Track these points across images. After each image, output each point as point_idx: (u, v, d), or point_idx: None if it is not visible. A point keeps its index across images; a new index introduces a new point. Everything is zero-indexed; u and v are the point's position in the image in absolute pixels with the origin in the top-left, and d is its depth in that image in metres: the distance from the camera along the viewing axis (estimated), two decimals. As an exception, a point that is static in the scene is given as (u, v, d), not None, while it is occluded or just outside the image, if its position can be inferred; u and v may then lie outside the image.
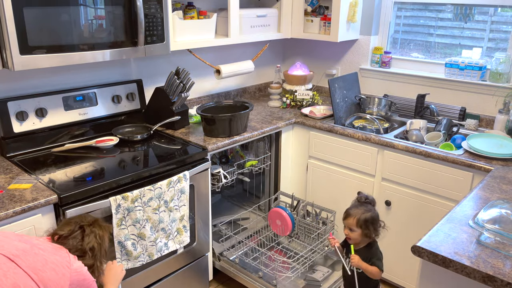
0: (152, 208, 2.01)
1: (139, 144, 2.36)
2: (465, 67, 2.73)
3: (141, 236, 1.99)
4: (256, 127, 2.66)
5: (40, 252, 1.35)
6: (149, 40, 2.21)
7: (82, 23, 1.95)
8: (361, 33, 3.15)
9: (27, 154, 2.17)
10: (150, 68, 2.73)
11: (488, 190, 1.84)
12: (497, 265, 1.32)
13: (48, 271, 1.32)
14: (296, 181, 3.03)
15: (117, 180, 1.92)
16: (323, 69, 3.41)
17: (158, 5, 2.20)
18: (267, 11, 2.97)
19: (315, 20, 3.06)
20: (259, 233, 2.87)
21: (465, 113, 2.77)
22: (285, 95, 3.17)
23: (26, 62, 1.81)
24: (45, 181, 1.86)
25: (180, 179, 2.12)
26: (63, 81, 2.35)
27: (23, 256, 1.30)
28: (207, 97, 3.11)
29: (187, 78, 2.54)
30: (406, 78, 3.00)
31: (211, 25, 2.66)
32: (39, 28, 1.81)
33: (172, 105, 2.52)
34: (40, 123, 2.21)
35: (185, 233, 2.20)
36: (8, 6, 1.71)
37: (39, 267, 1.31)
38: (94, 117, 2.41)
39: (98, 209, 1.86)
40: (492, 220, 1.45)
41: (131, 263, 1.99)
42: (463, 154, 2.29)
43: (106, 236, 1.58)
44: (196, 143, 2.37)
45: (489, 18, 2.75)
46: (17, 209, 1.63)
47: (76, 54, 1.96)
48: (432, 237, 1.47)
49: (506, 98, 2.59)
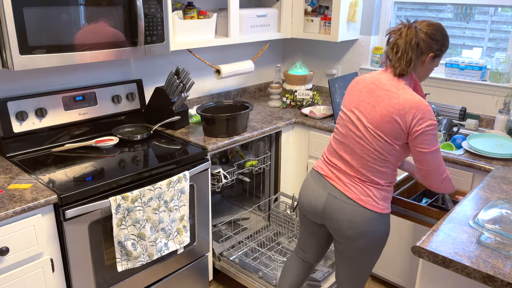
0: (152, 208, 2.01)
1: (139, 144, 2.36)
2: (465, 67, 2.73)
3: (141, 236, 1.99)
4: (256, 127, 2.66)
5: None
6: (149, 40, 2.21)
7: (82, 23, 1.94)
8: (361, 33, 3.15)
9: (27, 154, 2.17)
10: (150, 68, 2.73)
11: (488, 190, 1.84)
12: (497, 265, 1.32)
13: None
14: (296, 181, 3.02)
15: (117, 180, 1.92)
16: (323, 69, 3.41)
17: (158, 5, 2.20)
18: (267, 11, 2.96)
19: (315, 20, 3.06)
20: (259, 233, 2.86)
21: (465, 113, 2.77)
22: (285, 95, 3.17)
23: (26, 62, 1.80)
24: (45, 181, 1.86)
25: (180, 179, 2.12)
26: (63, 81, 2.35)
27: None
28: (207, 97, 3.11)
29: (187, 78, 2.54)
30: (406, 78, 2.99)
31: (211, 25, 2.66)
32: (39, 28, 1.81)
33: (172, 105, 2.52)
34: (40, 123, 2.21)
35: (185, 233, 2.20)
36: (8, 6, 1.71)
37: None
38: (94, 117, 2.41)
39: (98, 209, 1.86)
40: (493, 220, 1.45)
41: (131, 263, 1.99)
42: (464, 154, 2.29)
43: None
44: (196, 143, 2.37)
45: (489, 18, 2.75)
46: (17, 209, 1.63)
47: (76, 54, 1.96)
48: (432, 237, 1.47)
49: (506, 98, 2.58)
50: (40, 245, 1.74)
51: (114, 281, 2.04)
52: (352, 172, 1.77)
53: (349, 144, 1.77)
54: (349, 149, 1.77)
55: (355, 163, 1.75)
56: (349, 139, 1.77)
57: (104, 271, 1.99)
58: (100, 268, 1.97)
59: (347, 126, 1.78)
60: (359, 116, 1.74)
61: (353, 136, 1.75)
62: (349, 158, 1.77)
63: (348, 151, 1.77)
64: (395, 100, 1.65)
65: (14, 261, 1.68)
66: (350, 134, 1.77)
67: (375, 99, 1.71)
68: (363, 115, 1.73)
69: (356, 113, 1.76)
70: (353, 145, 1.75)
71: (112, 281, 2.04)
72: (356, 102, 1.77)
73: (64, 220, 1.78)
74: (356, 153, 1.74)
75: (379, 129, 1.68)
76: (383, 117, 1.67)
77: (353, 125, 1.76)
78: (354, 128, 1.75)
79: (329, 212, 1.81)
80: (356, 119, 1.75)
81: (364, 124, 1.72)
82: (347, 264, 1.89)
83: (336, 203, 1.78)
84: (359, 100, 1.76)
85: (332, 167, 1.83)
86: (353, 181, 1.76)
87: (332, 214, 1.80)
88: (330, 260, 2.68)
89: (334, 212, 1.79)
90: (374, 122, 1.69)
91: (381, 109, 1.68)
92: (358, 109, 1.75)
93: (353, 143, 1.75)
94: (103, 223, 1.92)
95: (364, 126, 1.72)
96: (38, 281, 1.78)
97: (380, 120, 1.68)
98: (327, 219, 1.84)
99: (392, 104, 1.65)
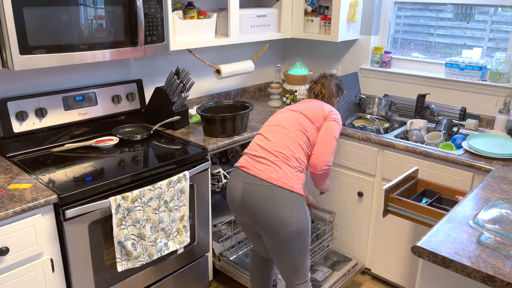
0: (152, 208, 2.01)
1: (139, 144, 2.36)
2: (465, 67, 2.73)
3: (141, 236, 1.99)
4: (256, 127, 2.66)
5: None
6: (149, 40, 2.21)
7: (82, 23, 1.94)
8: (361, 33, 3.15)
9: (27, 154, 2.17)
10: (150, 68, 2.73)
11: (488, 190, 1.84)
12: (497, 265, 1.32)
13: None
14: (296, 181, 3.02)
15: (117, 180, 1.92)
16: (323, 69, 3.40)
17: (158, 5, 2.20)
18: (267, 11, 2.96)
19: (315, 20, 3.06)
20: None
21: (465, 113, 2.77)
22: (285, 95, 3.17)
23: (26, 62, 1.80)
24: (45, 181, 1.86)
25: (180, 179, 2.12)
26: (63, 81, 2.35)
27: None
28: (207, 97, 3.11)
29: (187, 78, 2.54)
30: (406, 78, 3.00)
31: (211, 25, 2.66)
32: (39, 28, 1.81)
33: (172, 105, 2.52)
34: (40, 123, 2.21)
35: (185, 233, 2.20)
36: (8, 6, 1.71)
37: None
38: (94, 117, 2.41)
39: (98, 209, 1.86)
40: (492, 220, 1.45)
41: (131, 263, 1.99)
42: (463, 154, 2.29)
43: None
44: (196, 143, 2.37)
45: (489, 18, 2.75)
46: (17, 209, 1.63)
47: (76, 54, 1.96)
48: (432, 237, 1.47)
49: (506, 98, 2.58)
50: (40, 245, 1.74)
51: (114, 281, 2.04)
52: (266, 155, 1.92)
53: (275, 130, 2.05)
54: (272, 132, 2.04)
55: (275, 140, 1.98)
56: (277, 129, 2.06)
57: (104, 271, 1.99)
58: (100, 268, 1.97)
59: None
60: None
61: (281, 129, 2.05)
62: (270, 135, 2.01)
63: (271, 133, 2.03)
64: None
65: (14, 261, 1.68)
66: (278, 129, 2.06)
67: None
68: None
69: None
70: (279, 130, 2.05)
71: (112, 281, 2.04)
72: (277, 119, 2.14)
73: (64, 220, 1.78)
74: (279, 132, 2.02)
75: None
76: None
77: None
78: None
79: (247, 201, 1.90)
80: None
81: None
82: (282, 258, 1.97)
83: (251, 188, 1.89)
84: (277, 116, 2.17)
85: (249, 157, 1.98)
86: (264, 163, 1.91)
87: (251, 202, 1.89)
88: (330, 260, 2.68)
89: (250, 199, 1.89)
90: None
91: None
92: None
93: (280, 130, 2.05)
94: (103, 223, 1.92)
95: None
96: (38, 281, 1.78)
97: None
98: (248, 211, 1.91)
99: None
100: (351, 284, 2.77)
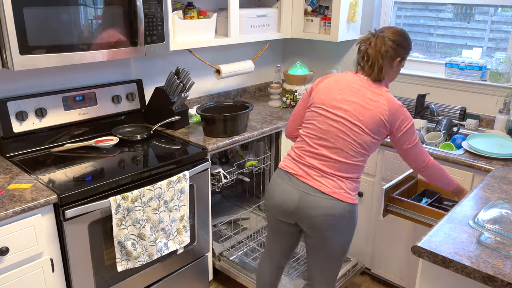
0: (152, 208, 2.01)
1: (139, 144, 2.36)
2: (465, 67, 2.73)
3: (141, 236, 1.98)
4: (256, 127, 2.66)
5: None
6: (149, 40, 2.21)
7: (82, 23, 1.94)
8: (361, 33, 3.15)
9: (27, 154, 2.17)
10: (150, 68, 2.73)
11: (488, 190, 1.84)
12: (497, 265, 1.32)
13: None
14: (296, 181, 3.02)
15: (117, 180, 1.92)
16: (323, 69, 3.40)
17: (158, 5, 2.20)
18: (267, 11, 2.96)
19: (315, 20, 3.06)
20: (259, 233, 2.86)
21: (465, 113, 2.77)
22: (285, 95, 3.17)
23: (26, 62, 1.80)
24: (45, 181, 1.86)
25: (180, 179, 2.12)
26: (63, 81, 2.35)
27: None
28: (207, 97, 3.11)
29: (187, 78, 2.54)
30: (406, 78, 3.00)
31: (211, 25, 2.66)
32: (39, 28, 1.81)
33: (172, 105, 2.52)
34: (40, 123, 2.21)
35: (185, 233, 2.20)
36: (8, 6, 1.71)
37: None
38: (94, 117, 2.41)
39: (98, 209, 1.86)
40: (492, 220, 1.45)
41: (131, 263, 1.99)
42: (463, 154, 2.29)
43: None
44: (196, 143, 2.37)
45: (489, 18, 2.75)
46: (16, 209, 1.63)
47: (76, 54, 1.96)
48: (432, 237, 1.47)
49: (506, 98, 2.58)
50: (40, 245, 1.74)
51: (114, 281, 2.04)
52: (327, 168, 1.82)
53: (329, 139, 1.82)
54: (330, 143, 1.82)
55: (335, 156, 1.81)
56: (331, 134, 1.82)
57: (104, 271, 1.99)
58: (100, 268, 1.97)
59: (327, 122, 1.83)
60: (342, 114, 1.81)
61: (336, 132, 1.81)
62: (328, 152, 1.82)
63: (329, 146, 1.82)
64: (382, 104, 1.80)
65: (14, 261, 1.68)
66: (332, 130, 1.82)
67: (362, 99, 1.82)
68: (348, 112, 1.80)
69: (339, 111, 1.82)
70: (335, 140, 1.81)
71: (112, 281, 2.04)
72: (338, 100, 1.83)
73: (64, 220, 1.78)
74: (338, 147, 1.81)
75: (366, 126, 1.79)
76: (370, 117, 1.79)
77: (336, 121, 1.81)
78: (337, 124, 1.81)
79: (303, 210, 1.84)
80: (339, 116, 1.81)
81: (349, 121, 1.79)
82: (321, 258, 1.93)
83: (310, 199, 1.82)
84: (342, 99, 1.83)
85: (303, 165, 1.87)
86: (326, 176, 1.82)
87: (306, 211, 1.83)
88: (330, 260, 2.68)
89: (308, 208, 1.83)
90: (362, 120, 1.79)
91: (369, 108, 1.79)
92: (342, 108, 1.82)
93: (336, 138, 1.81)
94: (103, 223, 1.92)
95: (351, 122, 1.79)
96: (38, 281, 1.78)
97: (367, 120, 1.78)
98: (301, 217, 1.86)
99: (379, 106, 1.80)
100: (351, 284, 2.77)
